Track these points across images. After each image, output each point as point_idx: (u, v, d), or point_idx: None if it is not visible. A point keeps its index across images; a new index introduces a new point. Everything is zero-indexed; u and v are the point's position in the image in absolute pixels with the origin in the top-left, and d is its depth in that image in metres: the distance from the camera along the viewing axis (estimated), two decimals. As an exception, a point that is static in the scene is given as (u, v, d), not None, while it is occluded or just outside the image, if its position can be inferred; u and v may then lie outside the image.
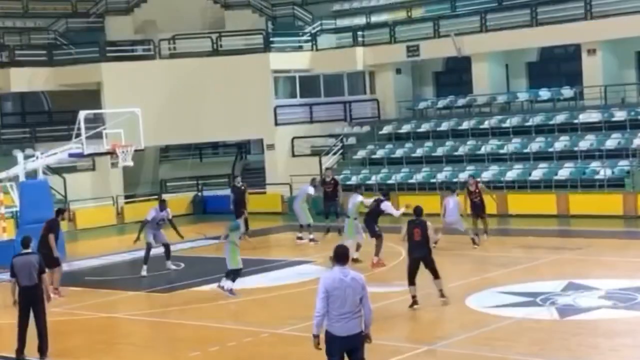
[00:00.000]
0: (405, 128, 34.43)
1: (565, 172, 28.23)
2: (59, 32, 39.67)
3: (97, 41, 37.17)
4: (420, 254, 15.56)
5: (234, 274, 17.51)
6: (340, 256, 9.49)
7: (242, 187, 27.21)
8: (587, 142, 29.08)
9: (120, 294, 19.04)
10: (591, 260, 19.95)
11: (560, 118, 30.73)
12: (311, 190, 25.10)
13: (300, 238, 24.58)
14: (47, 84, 36.09)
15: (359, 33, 36.62)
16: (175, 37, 36.82)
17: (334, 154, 34.77)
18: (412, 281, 15.54)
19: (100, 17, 41.33)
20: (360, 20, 38.61)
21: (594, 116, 30.09)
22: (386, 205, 20.02)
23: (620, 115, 29.57)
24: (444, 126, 33.33)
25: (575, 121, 30.31)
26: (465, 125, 32.81)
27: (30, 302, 13.41)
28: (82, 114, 24.53)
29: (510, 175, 29.20)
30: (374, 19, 38.48)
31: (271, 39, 36.70)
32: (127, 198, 34.38)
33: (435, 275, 15.65)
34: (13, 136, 36.29)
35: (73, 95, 35.64)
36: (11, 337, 13.72)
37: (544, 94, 32.72)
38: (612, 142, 28.62)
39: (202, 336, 14.72)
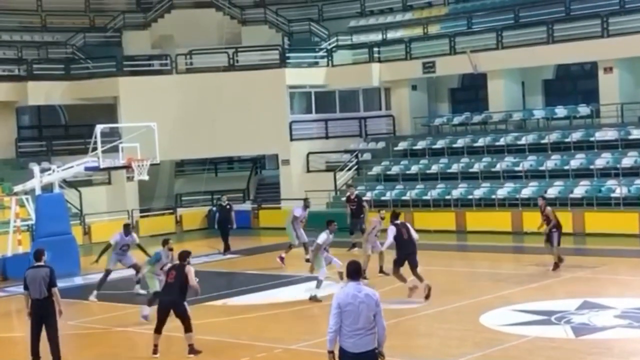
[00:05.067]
0: (421, 144, 34.41)
1: (581, 190, 28.11)
2: (77, 46, 39.90)
3: (115, 56, 37.37)
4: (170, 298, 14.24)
5: None
6: (354, 272, 9.46)
7: (228, 207, 27.18)
8: (603, 160, 28.96)
9: (134, 308, 19.01)
10: (607, 279, 19.84)
11: (576, 136, 30.63)
12: (297, 212, 24.09)
13: (308, 260, 23.83)
14: (64, 97, 36.31)
15: (375, 49, 36.67)
16: (192, 52, 36.99)
17: (349, 169, 34.77)
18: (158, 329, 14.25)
19: (117, 32, 41.56)
20: (376, 37, 38.66)
21: (610, 134, 29.99)
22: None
23: (636, 133, 29.44)
24: (460, 143, 33.28)
25: (592, 139, 30.21)
26: (480, 142, 32.76)
27: (41, 315, 13.43)
28: (99, 128, 24.63)
29: (526, 192, 29.09)
30: (390, 35, 38.52)
31: (287, 55, 36.82)
32: (142, 212, 34.46)
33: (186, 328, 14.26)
34: (30, 149, 36.45)
35: (90, 109, 35.83)
36: (25, 349, 13.75)
37: (560, 111, 32.64)
38: (628, 160, 28.49)
39: (215, 351, 14.70)
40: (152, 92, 34.48)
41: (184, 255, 14.42)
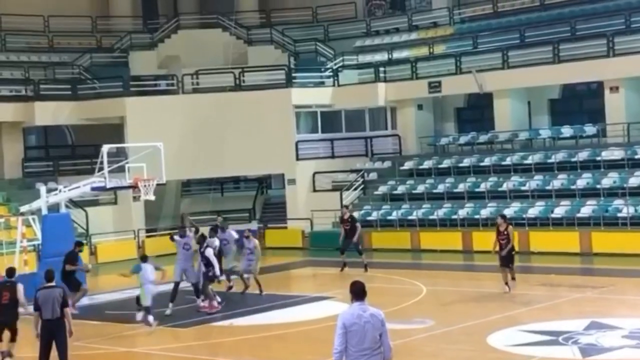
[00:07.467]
0: (427, 164, 34.37)
1: (587, 209, 28.03)
2: (84, 66, 40.05)
3: (121, 76, 37.49)
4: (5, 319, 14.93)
5: None
6: (358, 292, 9.42)
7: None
8: (609, 179, 28.90)
9: (140, 328, 18.98)
10: (614, 299, 19.75)
11: (582, 155, 30.57)
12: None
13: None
14: (71, 118, 36.39)
15: (381, 69, 36.73)
16: (198, 72, 37.08)
17: (355, 189, 34.75)
18: None
19: (124, 52, 41.74)
20: (382, 57, 38.75)
21: (616, 154, 29.93)
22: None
23: (643, 152, 29.41)
24: (466, 162, 33.25)
25: (598, 158, 30.15)
26: (487, 161, 32.72)
27: (52, 335, 13.47)
28: (105, 148, 24.65)
29: (532, 212, 29.02)
30: (396, 55, 38.61)
31: (293, 75, 36.90)
32: (148, 232, 34.44)
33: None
34: (36, 169, 36.46)
35: (96, 129, 35.88)
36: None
37: (566, 131, 32.59)
38: (635, 179, 28.41)
39: (221, 372, 14.66)
40: (158, 112, 34.55)
41: (12, 272, 15.08)
